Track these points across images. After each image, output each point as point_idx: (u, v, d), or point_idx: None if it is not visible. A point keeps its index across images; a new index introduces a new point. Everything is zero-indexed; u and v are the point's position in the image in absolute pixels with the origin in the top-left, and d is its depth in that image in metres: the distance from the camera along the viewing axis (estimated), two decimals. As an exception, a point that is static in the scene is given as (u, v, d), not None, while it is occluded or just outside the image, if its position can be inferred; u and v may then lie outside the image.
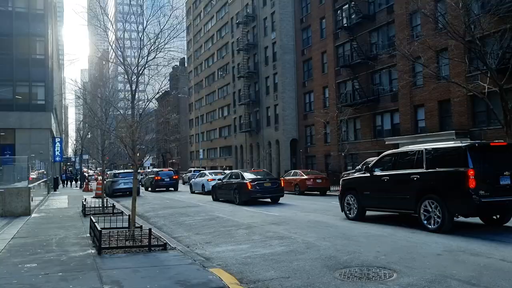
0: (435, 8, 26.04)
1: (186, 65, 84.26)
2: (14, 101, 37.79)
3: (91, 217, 11.36)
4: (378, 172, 12.49)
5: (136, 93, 10.56)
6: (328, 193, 27.48)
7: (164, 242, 9.42)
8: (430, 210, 10.42)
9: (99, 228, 9.31)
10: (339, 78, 36.59)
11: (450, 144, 10.96)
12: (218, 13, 65.64)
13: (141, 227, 11.38)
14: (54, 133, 45.83)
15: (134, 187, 10.65)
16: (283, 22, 43.58)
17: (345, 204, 13.72)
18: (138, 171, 46.16)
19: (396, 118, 30.55)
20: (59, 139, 48.15)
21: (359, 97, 33.22)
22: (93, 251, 9.08)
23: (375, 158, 21.92)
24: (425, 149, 10.94)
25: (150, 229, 9.38)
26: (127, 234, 9.95)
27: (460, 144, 10.25)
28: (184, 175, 50.76)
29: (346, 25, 34.45)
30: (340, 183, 14.57)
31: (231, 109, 58.24)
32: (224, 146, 63.33)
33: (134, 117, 10.61)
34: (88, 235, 11.35)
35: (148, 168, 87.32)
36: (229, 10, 59.05)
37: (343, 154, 31.00)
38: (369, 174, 12.85)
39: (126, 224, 11.96)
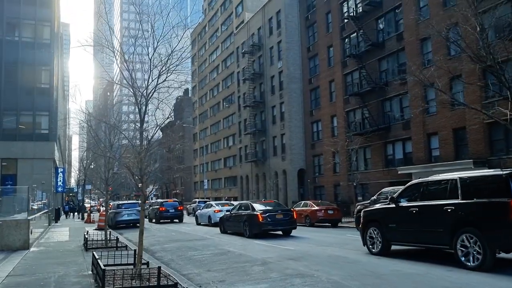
0: (448, 34, 25.65)
1: (190, 95, 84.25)
2: (17, 131, 37.24)
3: (94, 252, 10.42)
4: (404, 203, 11.52)
5: (145, 118, 9.80)
6: (339, 224, 26.37)
7: (175, 281, 8.40)
8: (468, 245, 9.41)
9: (102, 266, 8.36)
10: (348, 107, 35.96)
11: (488, 172, 10.05)
12: (223, 43, 65.91)
13: (147, 263, 10.43)
14: (57, 163, 45.10)
15: (141, 220, 9.73)
16: (290, 51, 43.39)
17: (368, 238, 12.70)
18: (136, 201, 45.00)
19: (409, 147, 29.68)
20: (61, 169, 47.40)
21: (369, 126, 32.46)
22: (95, 292, 8.10)
23: (391, 188, 21.01)
24: (460, 177, 10.02)
25: (159, 267, 8.39)
26: (134, 272, 8.97)
27: (500, 172, 9.33)
28: (189, 206, 49.61)
29: (354, 53, 34.06)
30: (361, 214, 13.54)
31: (237, 138, 57.57)
32: (229, 177, 62.32)
33: (143, 144, 9.81)
34: (90, 272, 10.37)
35: (151, 199, 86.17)
36: (234, 40, 59.24)
37: (354, 184, 29.95)
38: (394, 205, 11.87)
39: (131, 260, 10.98)
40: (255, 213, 18.72)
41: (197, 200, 50.80)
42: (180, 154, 71.16)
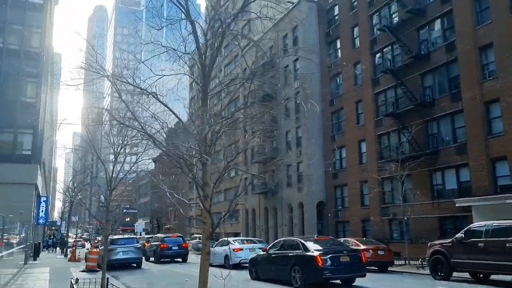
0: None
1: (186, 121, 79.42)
2: (-6, 151, 31.81)
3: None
4: None
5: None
6: (390, 268, 21.18)
7: None
8: None
9: None
10: (380, 130, 31.31)
11: None
12: (227, 67, 61.77)
13: None
14: (40, 191, 39.39)
15: (203, 267, 4.68)
16: (308, 70, 39.03)
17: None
18: (134, 236, 39.20)
19: (465, 175, 24.90)
20: (45, 198, 41.57)
21: (412, 150, 27.64)
22: None
23: (484, 223, 16.02)
24: None
25: None
26: None
27: None
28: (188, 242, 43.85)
29: (390, 68, 29.76)
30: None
31: (241, 168, 52.39)
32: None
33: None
34: None
35: (140, 234, 79.34)
36: (241, 61, 55.04)
37: (405, 219, 24.54)
38: None
39: None
40: (310, 254, 13.56)
41: (197, 236, 45.11)
42: (175, 183, 65.76)
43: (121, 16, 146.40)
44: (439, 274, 16.34)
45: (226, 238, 26.71)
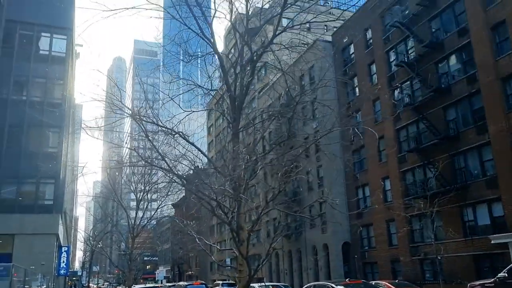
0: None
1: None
2: (17, 202, 31.88)
3: None
4: None
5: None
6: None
7: None
8: None
9: None
10: (404, 166, 30.61)
11: None
12: (244, 110, 62.10)
13: None
14: (61, 241, 39.13)
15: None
16: (326, 109, 38.82)
17: None
18: (156, 285, 38.25)
19: (498, 210, 23.84)
20: (66, 248, 41.25)
21: (440, 186, 26.79)
22: None
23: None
24: None
25: None
26: None
27: None
28: (210, 289, 42.60)
29: (410, 103, 29.45)
30: None
31: (262, 211, 51.54)
32: (252, 255, 55.40)
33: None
34: None
35: (162, 282, 77.79)
36: (257, 104, 55.37)
37: (438, 258, 23.45)
38: None
39: None
40: (343, 300, 12.77)
41: (220, 282, 43.81)
42: (199, 228, 64.94)
43: (139, 64, 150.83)
44: (482, 317, 15.24)
45: (252, 285, 25.75)
